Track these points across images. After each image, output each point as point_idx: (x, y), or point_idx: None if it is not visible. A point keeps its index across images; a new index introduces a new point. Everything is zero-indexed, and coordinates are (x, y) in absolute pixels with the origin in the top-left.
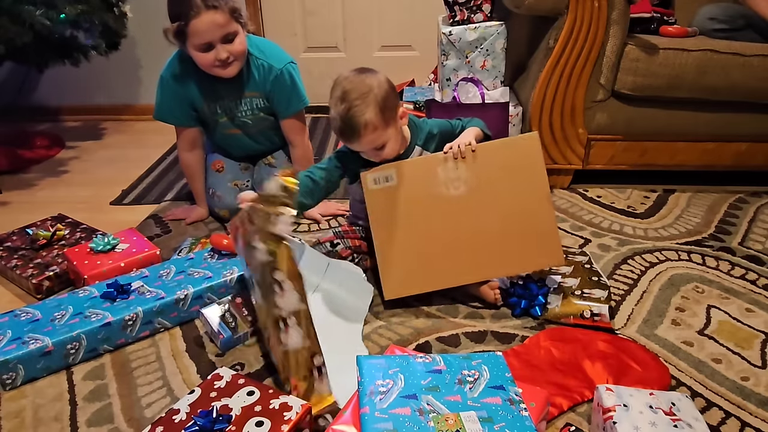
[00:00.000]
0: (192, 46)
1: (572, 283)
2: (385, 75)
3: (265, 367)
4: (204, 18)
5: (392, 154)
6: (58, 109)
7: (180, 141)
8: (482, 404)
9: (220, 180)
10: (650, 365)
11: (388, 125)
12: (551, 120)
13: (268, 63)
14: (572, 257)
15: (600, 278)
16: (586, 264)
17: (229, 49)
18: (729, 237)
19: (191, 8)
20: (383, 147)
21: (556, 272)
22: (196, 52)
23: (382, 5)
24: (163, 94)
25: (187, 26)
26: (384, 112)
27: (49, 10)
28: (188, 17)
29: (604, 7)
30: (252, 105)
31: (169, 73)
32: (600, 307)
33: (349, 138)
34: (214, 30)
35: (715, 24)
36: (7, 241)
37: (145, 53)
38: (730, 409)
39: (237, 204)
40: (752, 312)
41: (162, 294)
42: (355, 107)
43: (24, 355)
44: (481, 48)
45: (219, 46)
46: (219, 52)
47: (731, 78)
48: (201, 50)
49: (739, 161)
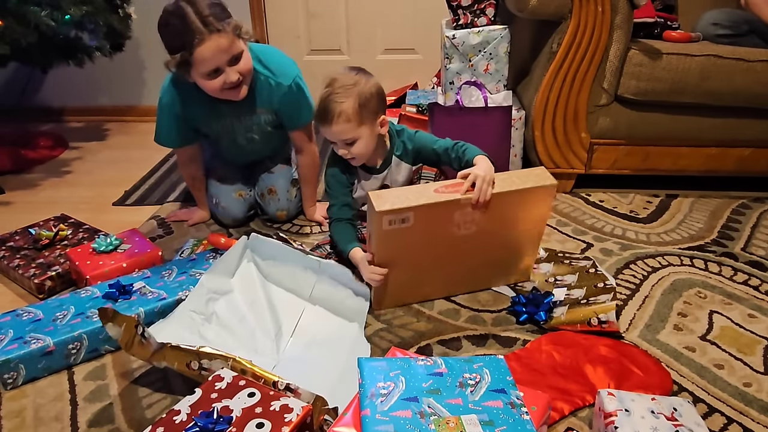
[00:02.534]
0: (198, 74)
1: (578, 294)
2: (377, 81)
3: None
4: (209, 44)
5: (361, 156)
6: (61, 109)
7: (179, 157)
8: (483, 407)
9: (224, 191)
10: (652, 370)
11: (362, 123)
12: (554, 124)
13: (275, 80)
14: (576, 263)
15: (606, 282)
16: (590, 269)
17: (237, 70)
18: (732, 242)
19: (194, 36)
20: (353, 143)
21: (561, 283)
22: (203, 80)
23: (386, 8)
24: (163, 119)
25: (191, 55)
26: (362, 109)
27: (54, 11)
28: (192, 46)
29: (608, 11)
30: (260, 121)
31: (168, 97)
32: (607, 314)
33: (321, 122)
34: (221, 55)
35: (719, 29)
36: (10, 240)
37: (148, 55)
38: (733, 415)
39: (243, 215)
40: (755, 318)
41: (164, 295)
42: (336, 94)
43: (25, 354)
44: (484, 51)
45: (227, 70)
46: (229, 75)
47: (734, 83)
48: (208, 77)
49: (742, 167)
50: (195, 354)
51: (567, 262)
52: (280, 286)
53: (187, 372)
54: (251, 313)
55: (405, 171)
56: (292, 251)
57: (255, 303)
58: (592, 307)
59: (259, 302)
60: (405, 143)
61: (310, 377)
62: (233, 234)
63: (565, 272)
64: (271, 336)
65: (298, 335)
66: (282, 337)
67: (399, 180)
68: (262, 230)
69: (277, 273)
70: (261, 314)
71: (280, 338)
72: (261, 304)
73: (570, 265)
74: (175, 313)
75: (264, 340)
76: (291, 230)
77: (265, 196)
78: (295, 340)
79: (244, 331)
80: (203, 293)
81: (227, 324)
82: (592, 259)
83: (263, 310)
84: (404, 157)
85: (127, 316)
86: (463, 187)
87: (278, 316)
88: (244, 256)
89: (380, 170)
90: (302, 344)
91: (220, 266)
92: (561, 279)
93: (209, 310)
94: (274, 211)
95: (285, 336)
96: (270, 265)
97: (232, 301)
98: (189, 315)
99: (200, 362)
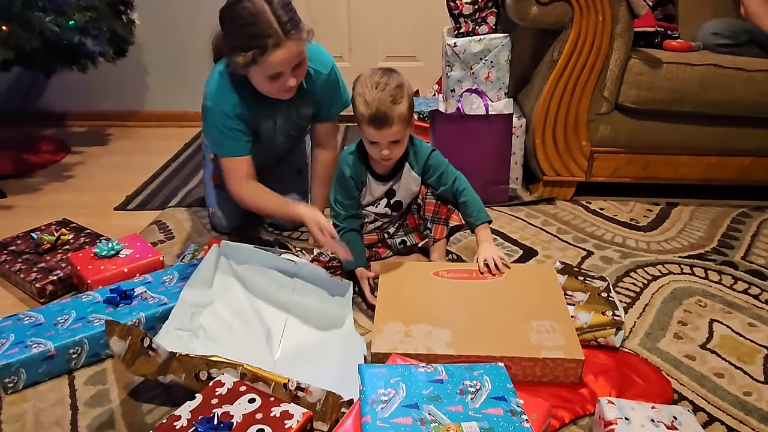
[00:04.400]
0: (261, 75)
1: (584, 320)
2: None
3: None
4: (285, 49)
5: (396, 158)
6: (64, 114)
7: (236, 173)
8: (484, 415)
9: (223, 200)
10: (652, 379)
11: (410, 123)
12: (554, 132)
13: (314, 69)
14: (590, 282)
15: (615, 313)
16: (602, 292)
17: (297, 75)
18: (732, 251)
19: (271, 37)
20: (398, 144)
21: (570, 300)
22: (263, 80)
23: (388, 16)
24: (221, 126)
25: (262, 56)
26: (411, 109)
27: (58, 16)
28: (266, 47)
29: (608, 20)
30: (300, 114)
31: (224, 102)
32: (607, 339)
33: (380, 125)
34: (292, 61)
35: (719, 39)
36: (12, 244)
37: (151, 60)
38: (733, 424)
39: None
40: (755, 327)
41: (165, 300)
42: (395, 96)
43: (26, 358)
44: (485, 60)
45: (289, 73)
46: (289, 80)
47: (734, 92)
48: (270, 79)
49: (742, 176)
50: (204, 363)
51: (581, 278)
52: (261, 289)
53: (193, 384)
54: (237, 321)
55: (413, 181)
56: (265, 254)
57: (239, 310)
58: (594, 334)
59: (243, 309)
60: (417, 151)
61: (311, 375)
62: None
63: (576, 288)
64: (262, 341)
65: (288, 336)
66: (273, 340)
67: (407, 187)
68: (264, 236)
69: (255, 277)
70: (247, 320)
71: (271, 341)
72: (245, 310)
73: (584, 283)
74: (161, 333)
75: (255, 345)
76: (292, 236)
77: None
78: (287, 341)
79: (234, 340)
80: (186, 309)
81: (215, 336)
82: (607, 280)
83: (249, 316)
84: (414, 166)
85: (133, 329)
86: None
87: (265, 320)
88: (219, 264)
89: (390, 177)
90: (295, 344)
91: (197, 278)
92: (571, 294)
93: (195, 325)
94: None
95: (275, 338)
96: (247, 269)
97: (215, 311)
98: (175, 333)
99: (209, 372)
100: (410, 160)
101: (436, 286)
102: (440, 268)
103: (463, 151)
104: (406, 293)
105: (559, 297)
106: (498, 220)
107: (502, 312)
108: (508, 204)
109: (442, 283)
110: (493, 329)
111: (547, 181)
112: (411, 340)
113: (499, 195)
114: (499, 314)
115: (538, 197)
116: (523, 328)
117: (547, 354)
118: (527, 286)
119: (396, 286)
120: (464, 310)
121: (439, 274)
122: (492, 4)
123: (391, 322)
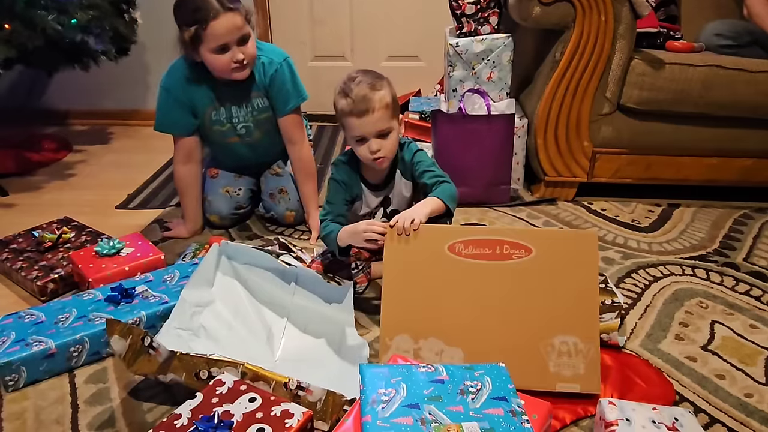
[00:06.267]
0: (207, 49)
1: None
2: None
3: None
4: (222, 20)
5: (389, 155)
6: (66, 112)
7: (178, 151)
8: (484, 415)
9: (213, 185)
10: (654, 381)
11: (394, 116)
12: (556, 132)
13: (268, 57)
14: None
15: (614, 300)
16: (600, 283)
17: (244, 51)
18: (733, 252)
19: (209, 10)
20: (387, 136)
21: None
22: (211, 54)
23: (390, 16)
24: (166, 103)
25: (204, 29)
26: (393, 102)
27: (60, 15)
28: (207, 20)
29: (611, 21)
30: (254, 105)
31: (172, 80)
32: (610, 335)
33: (361, 112)
34: (233, 32)
35: (721, 40)
36: (13, 243)
37: (153, 59)
38: (734, 425)
39: (228, 211)
40: (756, 328)
41: (166, 299)
42: (374, 83)
43: (27, 357)
44: (487, 60)
45: (235, 48)
46: (235, 53)
47: (737, 93)
48: (216, 52)
49: (745, 177)
50: (205, 362)
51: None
52: (262, 289)
53: (193, 384)
54: (238, 320)
55: (405, 187)
56: (264, 255)
57: (240, 309)
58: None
59: (243, 308)
60: (404, 157)
61: (312, 375)
62: (235, 239)
63: None
64: (263, 340)
65: (289, 336)
66: (273, 340)
67: (400, 193)
68: (263, 234)
69: (256, 276)
70: (248, 320)
71: (272, 341)
72: (246, 309)
73: None
74: (162, 333)
75: (256, 344)
76: (293, 236)
77: (276, 195)
78: (288, 341)
79: (235, 339)
80: (186, 309)
81: (216, 335)
82: (604, 275)
83: (249, 316)
84: (405, 173)
85: (134, 328)
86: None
87: (265, 319)
88: (219, 264)
89: (384, 186)
90: (296, 344)
91: (198, 278)
92: None
93: (195, 324)
94: (283, 211)
95: (276, 338)
96: (247, 269)
97: (216, 311)
98: (176, 333)
99: (209, 371)
100: (399, 167)
101: (449, 276)
102: (456, 238)
103: (464, 152)
104: (415, 290)
105: (592, 287)
106: (499, 221)
107: (521, 322)
108: (510, 204)
109: (456, 269)
110: (509, 350)
111: (548, 181)
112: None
113: (500, 195)
114: (518, 326)
115: (539, 198)
116: (543, 347)
117: (563, 387)
118: (560, 270)
119: (403, 275)
120: (480, 319)
121: (455, 250)
122: (494, 4)
123: (399, 336)
